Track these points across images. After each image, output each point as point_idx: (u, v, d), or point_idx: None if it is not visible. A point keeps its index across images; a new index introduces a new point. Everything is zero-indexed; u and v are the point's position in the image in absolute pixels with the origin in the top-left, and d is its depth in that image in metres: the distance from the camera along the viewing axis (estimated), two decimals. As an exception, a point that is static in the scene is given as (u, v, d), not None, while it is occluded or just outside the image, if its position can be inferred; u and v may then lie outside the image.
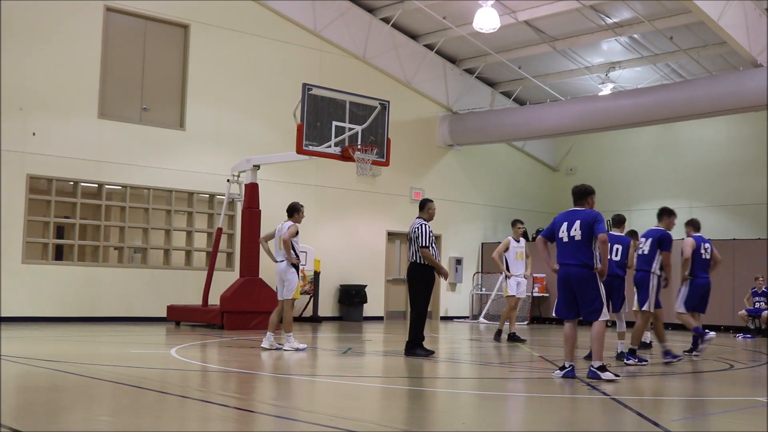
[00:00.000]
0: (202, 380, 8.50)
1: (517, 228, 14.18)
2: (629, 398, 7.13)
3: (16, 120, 15.83)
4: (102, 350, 10.87)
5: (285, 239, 11.26)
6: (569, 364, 8.37)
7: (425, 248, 10.49)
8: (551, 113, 20.98)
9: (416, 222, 10.75)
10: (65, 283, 16.26)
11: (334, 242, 20.15)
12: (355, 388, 7.97)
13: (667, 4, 17.95)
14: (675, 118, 19.29)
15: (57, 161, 16.27)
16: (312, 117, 14.25)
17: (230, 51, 18.67)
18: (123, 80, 17.41)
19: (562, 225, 8.49)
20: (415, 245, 10.63)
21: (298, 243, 11.51)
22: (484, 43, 20.74)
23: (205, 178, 18.07)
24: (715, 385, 8.76)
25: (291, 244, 11.32)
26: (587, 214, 8.45)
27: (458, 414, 6.54)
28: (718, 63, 20.52)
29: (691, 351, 11.64)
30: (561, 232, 8.47)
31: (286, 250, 11.26)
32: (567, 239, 8.40)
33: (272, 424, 5.79)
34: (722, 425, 6.12)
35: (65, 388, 7.25)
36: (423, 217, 10.83)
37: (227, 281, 16.67)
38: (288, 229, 11.34)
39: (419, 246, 10.53)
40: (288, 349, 11.09)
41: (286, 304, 11.31)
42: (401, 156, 20.04)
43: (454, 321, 22.09)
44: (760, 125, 20.96)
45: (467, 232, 23.39)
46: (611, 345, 10.81)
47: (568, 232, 8.40)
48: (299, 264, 11.45)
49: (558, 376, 8.35)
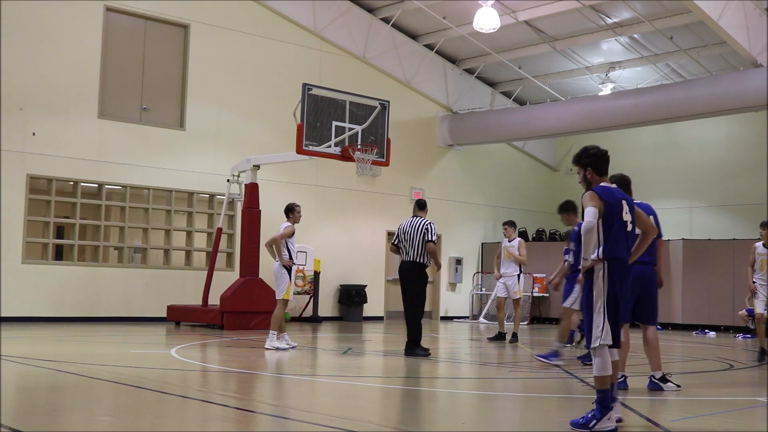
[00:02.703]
0: (202, 380, 8.50)
1: (504, 229, 14.44)
2: (629, 398, 7.13)
3: (16, 120, 15.83)
4: (102, 350, 10.87)
5: (276, 239, 11.26)
6: (621, 375, 7.45)
7: (432, 242, 10.77)
8: (551, 113, 20.98)
9: (419, 220, 10.87)
10: (65, 283, 16.26)
11: (334, 242, 20.15)
12: (354, 388, 7.97)
13: (667, 4, 17.95)
14: (675, 118, 19.29)
15: (57, 161, 16.27)
16: (312, 117, 14.25)
17: (230, 51, 18.67)
18: (123, 80, 17.41)
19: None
20: (416, 243, 10.70)
21: (293, 244, 11.51)
22: (484, 43, 20.74)
23: (205, 178, 18.06)
24: (715, 385, 8.76)
25: (286, 244, 11.33)
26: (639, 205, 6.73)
27: (458, 414, 6.54)
28: (718, 63, 20.52)
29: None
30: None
31: (277, 251, 11.26)
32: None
33: (272, 424, 5.79)
34: (722, 425, 6.11)
35: (65, 388, 7.26)
36: (422, 216, 10.98)
37: (227, 281, 16.67)
38: (283, 230, 11.35)
39: (427, 240, 10.73)
40: (269, 347, 11.10)
41: (279, 304, 11.33)
42: (401, 156, 20.04)
43: (454, 321, 22.09)
44: (760, 125, 20.96)
45: (467, 232, 23.39)
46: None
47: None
48: (292, 265, 11.42)
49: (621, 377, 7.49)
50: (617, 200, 5.83)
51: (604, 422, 5.47)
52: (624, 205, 5.86)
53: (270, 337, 11.23)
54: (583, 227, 5.63)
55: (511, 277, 14.06)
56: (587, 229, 5.62)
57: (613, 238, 5.72)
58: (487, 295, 22.41)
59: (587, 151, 6.00)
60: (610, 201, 5.76)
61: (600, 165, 5.96)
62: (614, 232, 5.74)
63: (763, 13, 17.20)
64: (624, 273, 5.76)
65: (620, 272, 5.72)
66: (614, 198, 5.81)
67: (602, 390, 5.57)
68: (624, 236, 5.80)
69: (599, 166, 5.95)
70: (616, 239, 5.73)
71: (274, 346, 11.12)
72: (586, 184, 5.93)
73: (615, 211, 5.77)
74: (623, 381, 7.66)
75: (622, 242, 5.77)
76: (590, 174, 5.94)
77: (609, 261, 5.69)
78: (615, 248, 5.71)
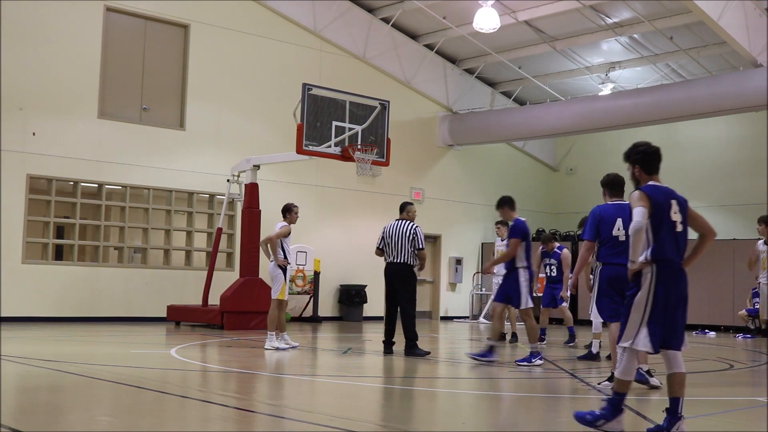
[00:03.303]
0: (202, 380, 8.50)
1: (497, 228, 14.59)
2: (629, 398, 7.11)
3: (16, 120, 15.83)
4: (102, 350, 10.87)
5: (272, 238, 11.26)
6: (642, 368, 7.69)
7: (424, 251, 11.09)
8: (551, 113, 20.98)
9: (406, 224, 10.98)
10: (65, 283, 16.26)
11: (334, 242, 20.15)
12: (355, 388, 7.97)
13: (667, 4, 17.95)
14: (675, 118, 19.29)
15: (57, 161, 16.27)
16: (312, 117, 14.25)
17: (230, 51, 18.67)
18: (123, 80, 17.41)
19: (616, 222, 7.80)
20: (404, 246, 10.85)
21: (288, 244, 11.50)
22: (484, 43, 20.74)
23: (205, 178, 18.06)
24: (715, 385, 8.76)
25: (281, 244, 11.32)
26: None
27: (458, 414, 6.54)
28: (718, 63, 20.52)
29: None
30: (616, 229, 7.78)
31: (272, 250, 11.25)
32: (624, 237, 7.72)
33: (272, 424, 5.79)
34: (722, 425, 6.11)
35: (65, 388, 7.26)
36: (405, 218, 11.07)
37: (227, 281, 16.66)
38: (279, 229, 11.34)
39: (418, 248, 10.95)
40: (268, 348, 11.10)
41: (273, 303, 11.33)
42: (401, 156, 20.03)
43: (454, 321, 22.09)
44: (760, 125, 20.96)
45: (467, 232, 23.39)
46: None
47: (625, 229, 7.69)
48: (287, 265, 11.42)
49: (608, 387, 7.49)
50: (666, 199, 5.57)
51: (612, 424, 5.32)
52: (674, 205, 5.58)
53: (269, 337, 11.23)
54: (632, 228, 5.40)
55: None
56: (635, 229, 5.38)
57: (661, 239, 5.46)
58: (487, 295, 22.39)
59: (636, 148, 5.77)
60: (658, 200, 5.51)
61: (649, 162, 5.72)
62: (663, 232, 5.48)
63: (763, 13, 17.20)
64: (674, 275, 5.44)
65: (670, 274, 5.42)
66: (663, 197, 5.56)
67: (619, 393, 5.40)
68: (673, 237, 5.51)
69: (648, 163, 5.71)
70: (665, 240, 5.47)
71: (274, 346, 11.12)
72: (634, 182, 5.74)
73: (663, 210, 5.52)
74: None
75: (671, 243, 5.49)
76: (638, 172, 5.72)
77: (658, 263, 5.42)
78: (664, 249, 5.45)
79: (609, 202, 8.13)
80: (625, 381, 5.43)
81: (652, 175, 5.72)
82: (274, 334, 11.27)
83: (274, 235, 11.29)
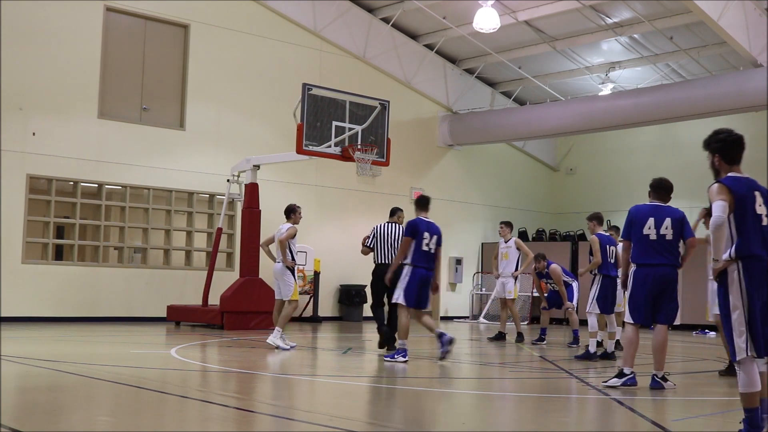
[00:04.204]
0: (202, 380, 8.50)
1: (500, 228, 14.60)
2: (629, 398, 7.13)
3: (16, 120, 15.83)
4: (102, 350, 10.87)
5: (282, 240, 11.32)
6: (630, 371, 7.70)
7: None
8: (551, 113, 20.98)
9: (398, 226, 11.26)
10: (65, 283, 16.26)
11: (334, 242, 20.14)
12: (355, 388, 7.97)
13: (667, 4, 17.95)
14: (675, 118, 19.28)
15: (57, 161, 16.27)
16: (312, 117, 14.25)
17: (230, 51, 18.66)
18: (123, 80, 17.40)
19: (648, 221, 7.81)
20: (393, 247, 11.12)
21: (294, 244, 11.57)
22: (484, 43, 20.74)
23: (205, 178, 18.06)
24: (715, 385, 8.76)
25: (288, 245, 11.38)
26: (675, 211, 7.90)
27: (458, 414, 6.54)
28: (718, 63, 20.51)
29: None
30: (647, 228, 7.78)
31: (282, 252, 11.31)
32: (656, 237, 7.75)
33: (272, 424, 5.79)
34: (722, 425, 6.11)
35: (65, 388, 7.26)
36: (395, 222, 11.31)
37: (227, 281, 16.66)
38: (286, 231, 11.41)
39: None
40: (271, 343, 11.14)
41: (287, 303, 11.41)
42: (401, 156, 20.02)
43: (454, 321, 22.09)
44: (760, 125, 20.94)
45: (467, 232, 23.38)
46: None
47: (657, 229, 7.76)
48: (294, 266, 11.50)
49: (616, 384, 7.63)
50: (749, 191, 5.11)
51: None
52: (758, 197, 5.11)
53: (275, 333, 11.27)
54: (712, 223, 4.98)
55: (508, 277, 14.12)
56: (716, 225, 4.95)
57: (746, 234, 4.98)
58: (487, 295, 22.41)
59: (717, 135, 5.36)
60: (739, 192, 5.06)
61: (730, 152, 5.26)
62: (747, 227, 4.99)
63: (763, 13, 17.20)
64: (762, 272, 4.97)
65: (758, 272, 4.96)
66: (745, 188, 5.10)
67: (750, 408, 4.88)
68: (759, 231, 5.01)
69: (729, 153, 5.26)
70: (750, 235, 4.98)
71: (276, 344, 11.14)
72: (714, 172, 5.31)
73: (746, 203, 5.05)
74: (633, 377, 7.70)
75: (758, 238, 5.00)
76: (718, 161, 5.28)
77: (743, 260, 4.97)
78: (749, 245, 4.97)
79: (647, 203, 8.09)
80: (751, 393, 4.89)
81: (733, 166, 5.26)
82: (280, 331, 11.30)
83: (284, 237, 11.35)
